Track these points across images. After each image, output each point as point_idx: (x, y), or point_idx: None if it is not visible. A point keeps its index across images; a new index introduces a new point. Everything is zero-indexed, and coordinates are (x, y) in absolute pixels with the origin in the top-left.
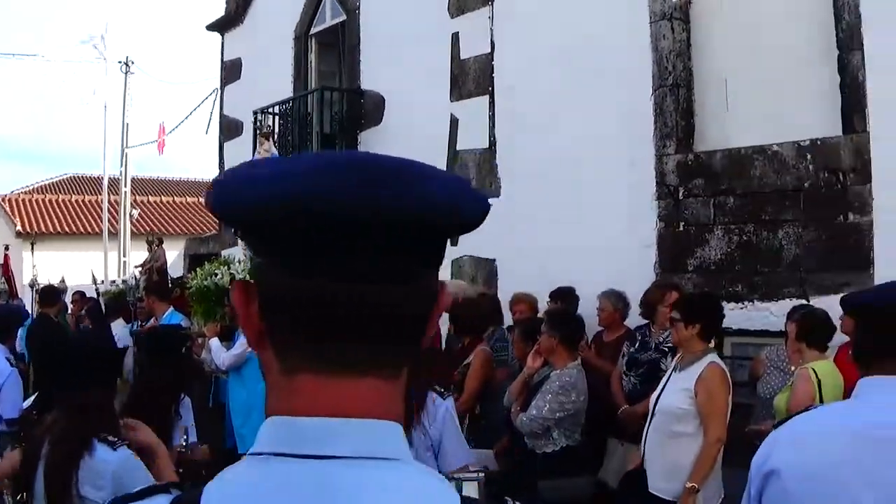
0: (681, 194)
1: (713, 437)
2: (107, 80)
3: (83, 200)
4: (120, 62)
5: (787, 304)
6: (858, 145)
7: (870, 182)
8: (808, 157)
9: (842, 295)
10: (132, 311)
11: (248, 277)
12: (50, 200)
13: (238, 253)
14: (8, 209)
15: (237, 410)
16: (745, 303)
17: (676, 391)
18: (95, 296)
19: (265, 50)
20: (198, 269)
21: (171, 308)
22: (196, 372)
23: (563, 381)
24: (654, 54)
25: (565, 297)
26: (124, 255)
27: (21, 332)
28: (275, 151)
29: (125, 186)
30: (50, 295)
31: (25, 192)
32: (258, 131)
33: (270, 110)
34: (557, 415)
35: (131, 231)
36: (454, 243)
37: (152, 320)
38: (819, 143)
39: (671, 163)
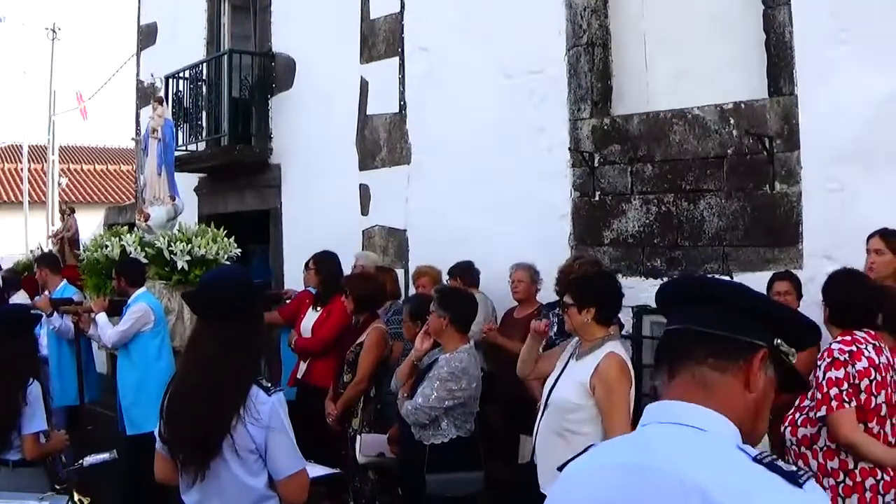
0: (596, 161)
1: (617, 436)
2: (27, 46)
3: (12, 169)
4: (46, 28)
5: None
6: (786, 109)
7: (798, 149)
8: (732, 121)
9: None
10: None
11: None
12: None
13: (161, 217)
14: None
15: (126, 390)
16: (665, 278)
17: (571, 383)
18: None
19: (179, 13)
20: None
21: (65, 281)
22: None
23: (452, 367)
24: (567, 11)
25: (464, 273)
26: (53, 225)
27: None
28: (169, 117)
29: (53, 154)
30: None
31: None
32: (149, 96)
33: (181, 75)
34: (446, 403)
35: (61, 200)
36: (364, 213)
37: (45, 293)
38: (743, 106)
39: (585, 128)
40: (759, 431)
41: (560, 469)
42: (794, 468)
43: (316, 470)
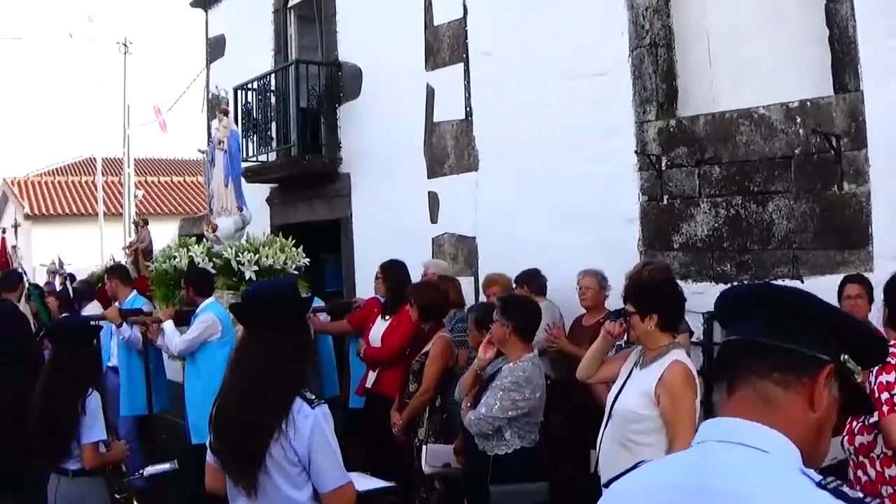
0: (663, 164)
1: (682, 447)
2: (100, 61)
3: (91, 182)
4: (118, 43)
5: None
6: (851, 106)
7: (865, 147)
8: (798, 120)
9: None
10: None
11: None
12: (60, 182)
13: (228, 227)
14: (17, 192)
15: (192, 400)
16: (735, 283)
17: (635, 393)
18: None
19: (246, 25)
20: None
21: (135, 292)
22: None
23: (515, 376)
24: (629, 12)
25: (531, 281)
26: (128, 236)
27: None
28: (234, 128)
29: (128, 167)
30: (9, 279)
31: (37, 175)
32: (215, 107)
33: (250, 86)
34: (509, 413)
35: (137, 211)
36: (434, 220)
37: (115, 304)
38: (809, 104)
39: (652, 130)
40: (821, 454)
41: (606, 486)
42: (860, 495)
43: (369, 483)
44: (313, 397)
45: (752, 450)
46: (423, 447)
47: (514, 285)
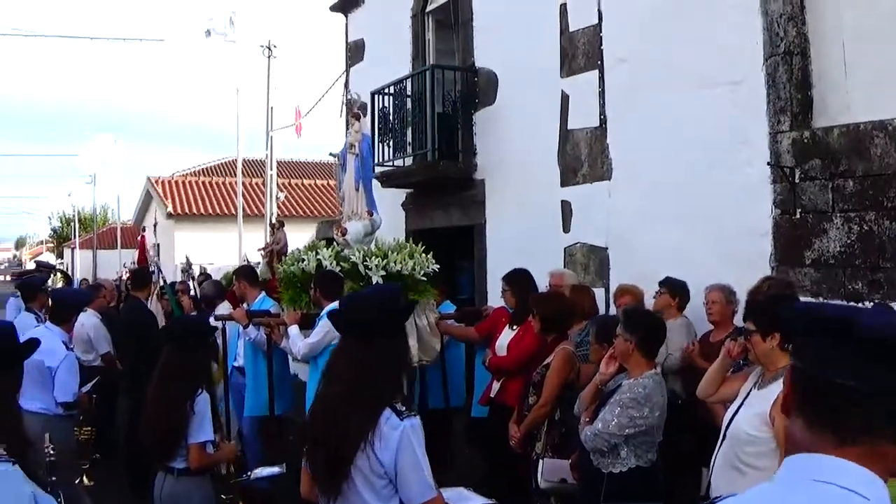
0: (797, 177)
1: None
2: (239, 63)
3: (232, 183)
4: (262, 46)
5: None
6: None
7: None
8: None
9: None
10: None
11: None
12: (203, 183)
13: (358, 231)
14: (160, 191)
15: None
16: (867, 303)
17: (751, 414)
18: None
19: (385, 30)
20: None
21: (263, 293)
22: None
23: (635, 393)
24: (763, 18)
25: (676, 290)
26: (267, 238)
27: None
28: (367, 133)
29: (270, 169)
30: (140, 278)
31: (181, 175)
32: (348, 111)
33: (386, 91)
34: (626, 431)
35: (278, 213)
36: (566, 230)
37: (243, 305)
38: None
39: (786, 141)
40: None
41: None
42: None
43: (468, 499)
44: (403, 409)
45: (852, 494)
46: (540, 461)
47: (651, 293)
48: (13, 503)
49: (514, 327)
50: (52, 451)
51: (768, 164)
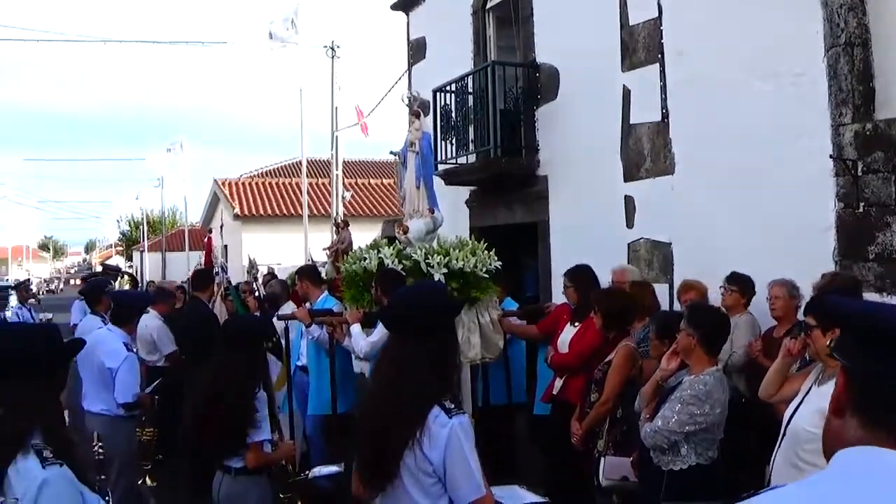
0: (860, 170)
1: None
2: (303, 65)
3: (297, 183)
4: (325, 47)
5: None
6: None
7: None
8: None
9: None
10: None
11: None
12: (269, 184)
13: (420, 229)
14: (227, 193)
15: None
16: None
17: (810, 411)
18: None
19: (446, 27)
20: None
21: (326, 292)
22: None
23: (696, 390)
24: (823, 10)
25: (743, 285)
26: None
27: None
28: (428, 130)
29: (336, 169)
30: (201, 279)
31: (248, 177)
32: (409, 109)
33: (448, 88)
34: (687, 428)
35: (344, 213)
36: (630, 225)
37: (305, 304)
38: None
39: (848, 134)
40: None
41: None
42: None
43: (521, 497)
44: (452, 406)
45: None
46: (602, 459)
47: (717, 288)
48: None
49: (576, 324)
50: (100, 451)
51: (830, 157)
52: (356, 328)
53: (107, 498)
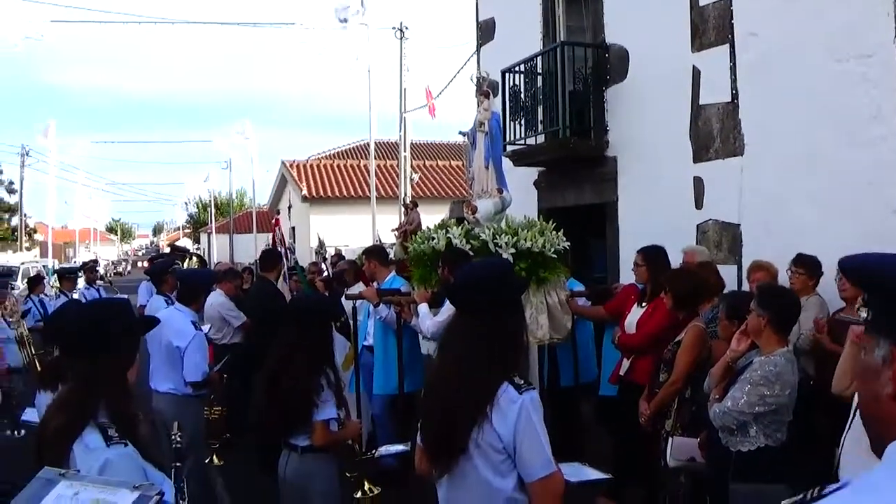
0: None
1: None
2: (371, 46)
3: (366, 165)
4: (394, 28)
5: None
6: None
7: None
8: None
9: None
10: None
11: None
12: (337, 166)
13: (488, 210)
14: (295, 174)
15: None
16: None
17: None
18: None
19: (515, 7)
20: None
21: (393, 272)
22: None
23: (766, 371)
24: None
25: (810, 267)
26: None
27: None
28: (497, 111)
29: (404, 151)
30: (269, 260)
31: (316, 158)
32: (477, 90)
33: (517, 69)
34: (756, 409)
35: (412, 195)
36: (699, 206)
37: (373, 284)
38: None
39: None
40: None
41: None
42: None
43: (584, 474)
44: (521, 382)
45: None
46: (670, 439)
47: (790, 268)
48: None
49: (643, 305)
50: (179, 438)
51: None
52: (423, 308)
53: (181, 483)
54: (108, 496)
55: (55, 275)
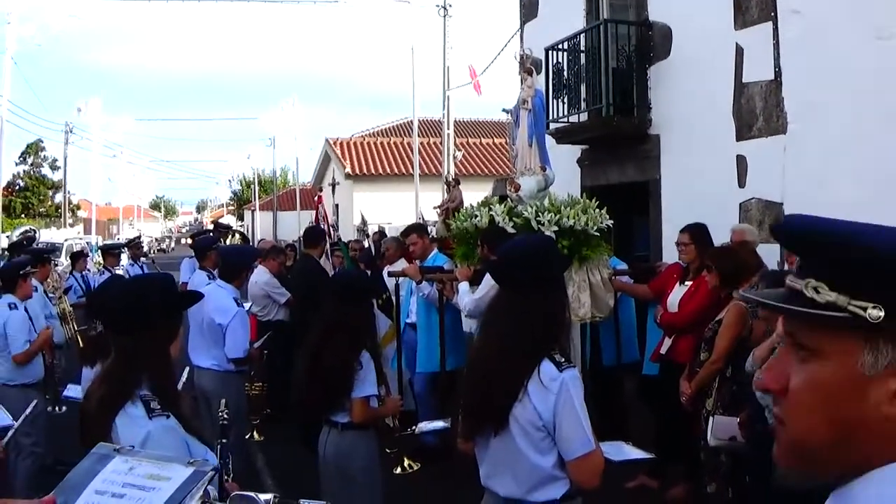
0: None
1: None
2: (415, 23)
3: (409, 143)
4: (437, 6)
5: None
6: None
7: None
8: None
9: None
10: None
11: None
12: (381, 143)
13: (531, 187)
14: (339, 152)
15: None
16: None
17: None
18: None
19: None
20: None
21: (436, 249)
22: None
23: None
24: None
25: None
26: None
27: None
28: (540, 88)
29: (448, 129)
30: (312, 236)
31: (360, 136)
32: (521, 67)
33: (560, 46)
34: None
35: (455, 172)
36: (742, 185)
37: (415, 261)
38: None
39: None
40: None
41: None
42: None
43: (625, 452)
44: (562, 360)
45: None
46: (711, 418)
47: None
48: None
49: (686, 283)
50: (226, 415)
51: None
52: (464, 285)
53: (226, 459)
54: (162, 471)
55: (98, 251)
